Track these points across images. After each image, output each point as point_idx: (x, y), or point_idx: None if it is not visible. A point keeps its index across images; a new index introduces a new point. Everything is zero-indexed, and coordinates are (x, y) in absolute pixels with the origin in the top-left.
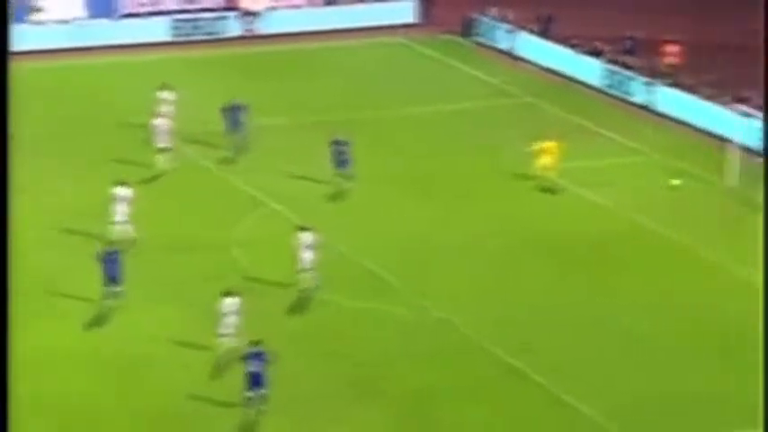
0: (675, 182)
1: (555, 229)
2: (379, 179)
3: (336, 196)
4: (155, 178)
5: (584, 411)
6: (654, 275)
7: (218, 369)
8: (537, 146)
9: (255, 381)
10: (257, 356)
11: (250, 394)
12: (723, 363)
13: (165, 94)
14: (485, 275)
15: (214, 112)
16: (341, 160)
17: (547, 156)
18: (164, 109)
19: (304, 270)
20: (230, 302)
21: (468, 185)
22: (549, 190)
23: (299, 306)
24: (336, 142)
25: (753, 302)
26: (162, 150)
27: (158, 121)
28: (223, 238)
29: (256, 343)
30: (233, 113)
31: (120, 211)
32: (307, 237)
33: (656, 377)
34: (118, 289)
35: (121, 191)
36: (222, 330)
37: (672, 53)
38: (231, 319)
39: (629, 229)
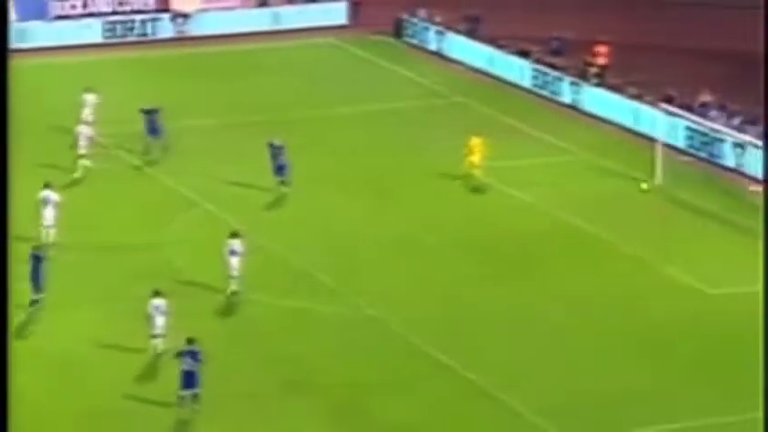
0: (645, 186)
1: (484, 228)
2: (312, 179)
3: (269, 196)
4: (83, 180)
5: (514, 406)
6: (582, 273)
7: (152, 369)
8: (465, 144)
9: (189, 379)
10: (191, 355)
11: (184, 393)
12: (647, 359)
13: (90, 97)
14: (415, 273)
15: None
16: (278, 165)
17: (474, 154)
18: (87, 111)
19: (231, 276)
20: (158, 303)
21: (398, 185)
22: (478, 189)
23: (233, 306)
24: (272, 146)
25: (678, 299)
26: (82, 156)
27: (80, 128)
28: (156, 238)
29: (191, 341)
30: (150, 117)
31: (48, 215)
32: (234, 243)
33: (583, 373)
34: (41, 295)
35: (49, 194)
36: (153, 331)
37: (598, 53)
38: (160, 320)
39: (557, 228)
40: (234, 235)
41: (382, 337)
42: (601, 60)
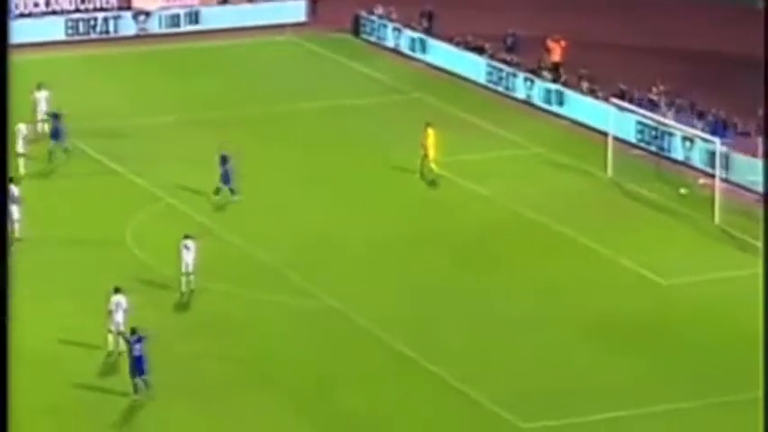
0: (683, 191)
1: (442, 220)
2: (273, 173)
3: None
4: (50, 173)
5: (474, 396)
6: (537, 264)
7: (110, 362)
8: (421, 138)
9: (140, 366)
10: (139, 341)
11: (137, 380)
12: (603, 348)
13: (42, 94)
14: (376, 266)
15: (107, 108)
16: (226, 177)
17: (430, 148)
18: (41, 108)
19: (187, 273)
20: (119, 299)
21: (358, 178)
22: (435, 182)
23: (196, 298)
24: (223, 158)
25: (631, 289)
26: (22, 155)
27: (19, 126)
28: (119, 232)
29: (134, 331)
30: (55, 121)
31: (13, 210)
32: (189, 242)
33: (541, 363)
34: None
35: (12, 189)
36: (112, 326)
37: (552, 50)
38: (120, 316)
39: (513, 220)
40: (186, 236)
41: (344, 328)
42: (555, 57)
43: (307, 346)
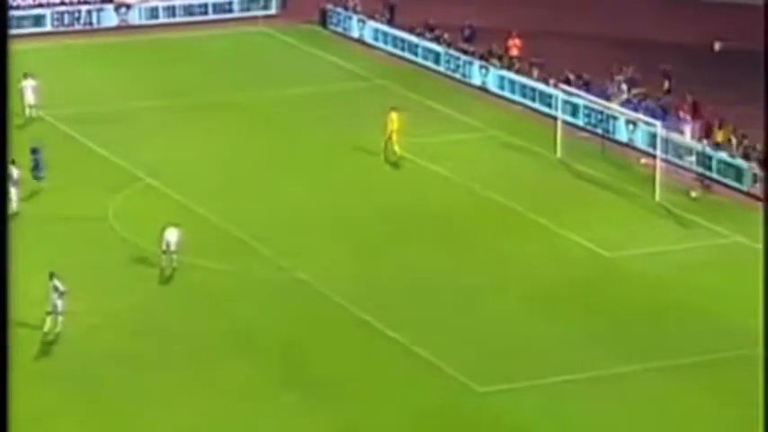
0: (694, 194)
1: (404, 198)
2: (247, 156)
3: (206, 173)
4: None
5: (433, 361)
6: (492, 239)
7: (46, 342)
8: (385, 122)
9: (56, 307)
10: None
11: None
12: (552, 316)
13: (29, 83)
14: (342, 241)
15: (90, 94)
16: (35, 167)
17: (393, 131)
18: (29, 96)
19: (169, 252)
20: (56, 284)
21: (326, 161)
22: (397, 162)
23: (174, 272)
24: (32, 150)
25: (579, 260)
26: None
27: None
28: (102, 210)
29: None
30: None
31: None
32: (172, 228)
33: (497, 330)
34: None
35: (11, 170)
36: (49, 309)
37: (513, 45)
38: (56, 298)
39: (470, 198)
40: (171, 224)
41: (313, 299)
42: (514, 51)
43: (278, 317)
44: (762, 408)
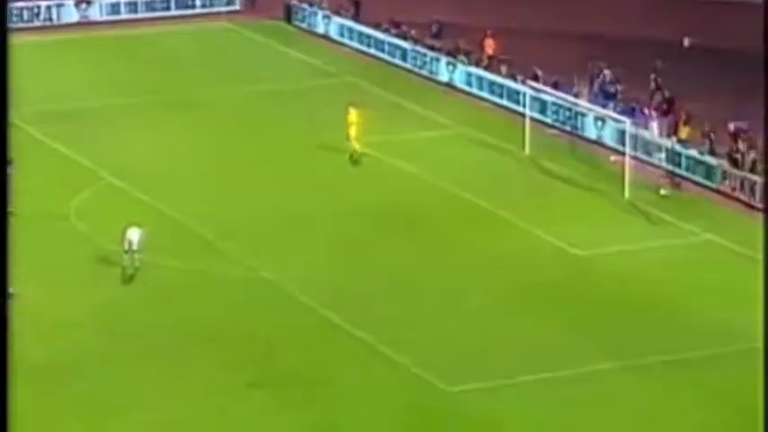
0: (663, 192)
1: (372, 196)
2: (212, 154)
3: (170, 170)
4: None
5: (401, 361)
6: (461, 237)
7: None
8: (348, 118)
9: None
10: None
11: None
12: (524, 314)
13: None
14: (309, 239)
15: (51, 92)
16: None
17: (352, 127)
18: None
19: (131, 251)
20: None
21: (291, 158)
22: (357, 161)
23: (138, 271)
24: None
25: (549, 258)
26: None
27: None
28: (64, 208)
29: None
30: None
31: None
32: (134, 228)
33: (467, 328)
34: None
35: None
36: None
37: (488, 45)
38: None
39: (438, 195)
40: (133, 224)
41: (277, 297)
42: (489, 50)
43: (244, 317)
44: (762, 407)
